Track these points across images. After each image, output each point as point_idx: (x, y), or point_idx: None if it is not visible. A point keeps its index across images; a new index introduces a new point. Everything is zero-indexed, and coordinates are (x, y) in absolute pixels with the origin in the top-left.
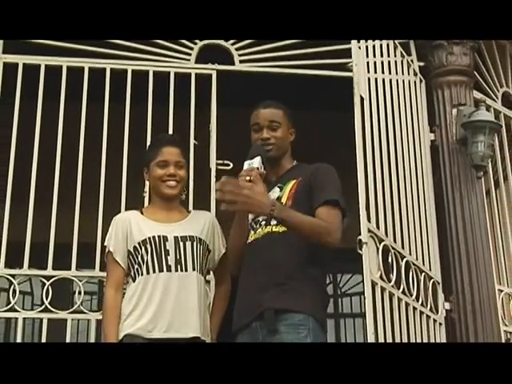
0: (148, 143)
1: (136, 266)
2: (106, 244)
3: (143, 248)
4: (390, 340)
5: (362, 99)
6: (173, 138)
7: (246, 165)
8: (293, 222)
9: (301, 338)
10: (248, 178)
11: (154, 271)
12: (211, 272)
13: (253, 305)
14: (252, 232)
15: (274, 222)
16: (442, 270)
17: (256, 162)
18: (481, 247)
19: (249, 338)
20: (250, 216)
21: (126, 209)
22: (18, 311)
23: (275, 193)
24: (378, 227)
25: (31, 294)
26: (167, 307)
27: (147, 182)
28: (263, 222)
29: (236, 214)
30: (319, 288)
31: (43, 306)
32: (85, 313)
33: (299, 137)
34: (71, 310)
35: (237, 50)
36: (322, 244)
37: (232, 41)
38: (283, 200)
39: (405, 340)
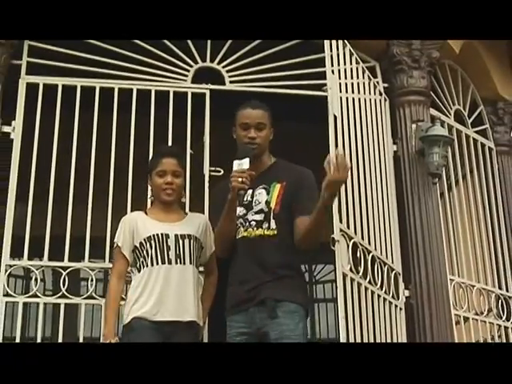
0: (151, 151)
1: (141, 259)
2: (115, 240)
3: (148, 243)
4: (357, 322)
5: (334, 117)
6: (171, 150)
7: (236, 164)
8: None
9: (295, 323)
10: (240, 179)
11: (157, 263)
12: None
13: (252, 294)
14: (242, 228)
15: (265, 225)
16: (403, 262)
17: (246, 163)
18: (436, 243)
19: (246, 319)
20: (238, 211)
21: (132, 207)
22: (39, 297)
23: (262, 195)
24: (348, 227)
25: (43, 281)
26: (168, 294)
27: (150, 187)
28: (253, 223)
29: (227, 204)
30: (304, 281)
31: (60, 293)
32: (96, 298)
33: (279, 147)
34: (85, 295)
35: (227, 72)
36: (313, 243)
37: (223, 63)
38: (272, 205)
39: (370, 322)
